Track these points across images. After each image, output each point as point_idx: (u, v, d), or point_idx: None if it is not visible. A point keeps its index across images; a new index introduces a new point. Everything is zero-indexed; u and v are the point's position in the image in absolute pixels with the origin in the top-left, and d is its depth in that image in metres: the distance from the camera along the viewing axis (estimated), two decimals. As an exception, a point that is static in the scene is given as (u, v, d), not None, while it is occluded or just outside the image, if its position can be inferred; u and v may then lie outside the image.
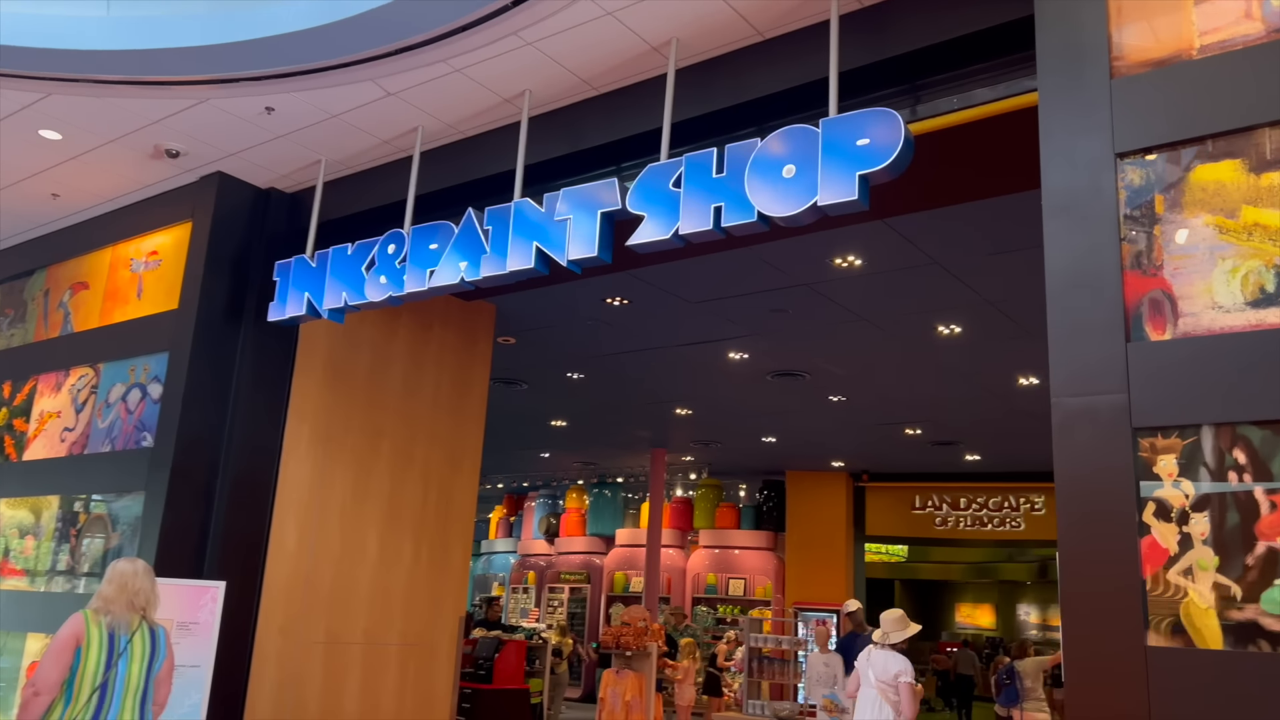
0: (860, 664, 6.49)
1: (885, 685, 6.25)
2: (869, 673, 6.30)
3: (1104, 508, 3.41)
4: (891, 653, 6.37)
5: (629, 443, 16.34)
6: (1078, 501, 3.47)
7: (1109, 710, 3.26)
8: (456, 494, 9.03)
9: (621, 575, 19.50)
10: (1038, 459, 15.35)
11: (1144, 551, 3.31)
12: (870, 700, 6.21)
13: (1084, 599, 3.38)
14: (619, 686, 11.90)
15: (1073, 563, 3.43)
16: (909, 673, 6.19)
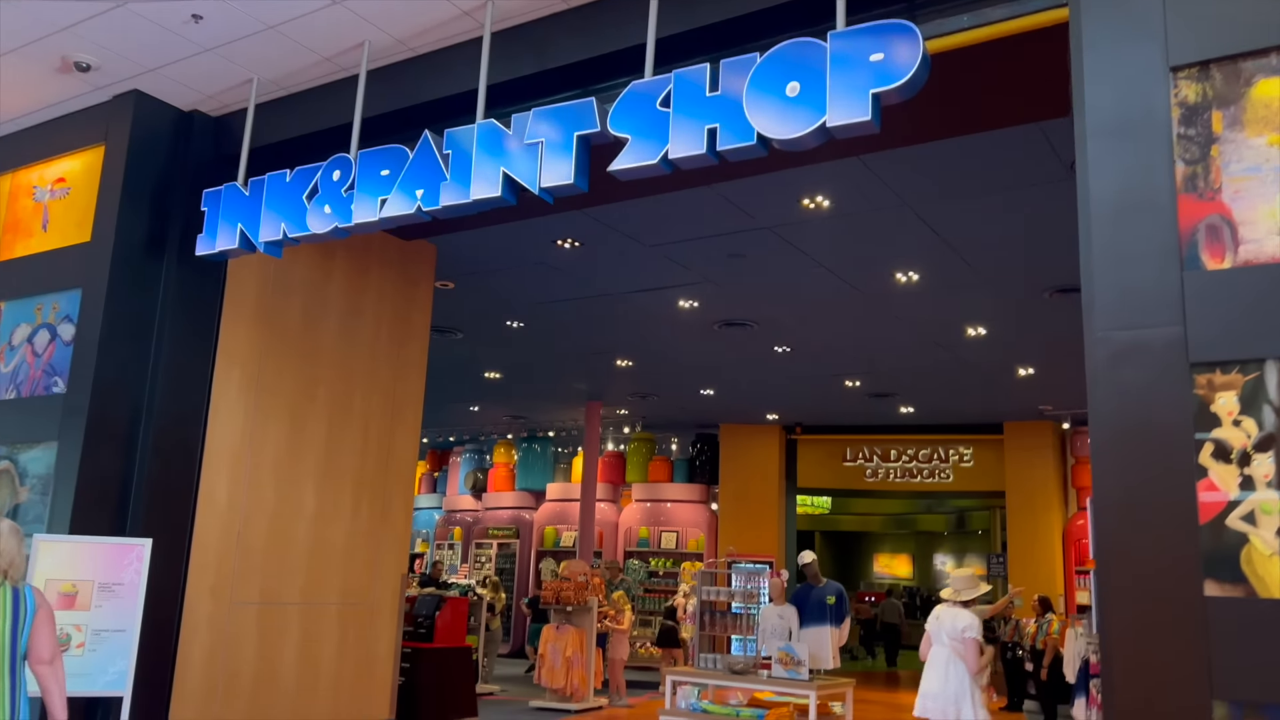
0: (930, 626, 6.45)
1: (955, 642, 6.20)
2: (940, 633, 6.28)
3: (1156, 450, 3.18)
4: (960, 609, 6.36)
5: (564, 395, 15.94)
6: (1126, 444, 3.23)
7: (1164, 665, 3.05)
8: (397, 446, 8.53)
9: (552, 530, 19.19)
10: (971, 411, 15.52)
11: (1201, 496, 3.08)
12: (944, 659, 6.20)
13: (1135, 548, 3.14)
14: (559, 642, 11.63)
15: (1121, 509, 3.19)
16: (975, 628, 6.19)
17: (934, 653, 6.37)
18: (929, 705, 6.19)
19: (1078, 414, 14.85)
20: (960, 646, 6.19)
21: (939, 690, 6.16)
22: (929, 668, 6.32)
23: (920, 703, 6.33)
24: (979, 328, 10.73)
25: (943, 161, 6.75)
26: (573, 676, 11.46)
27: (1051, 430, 15.93)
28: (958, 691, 6.14)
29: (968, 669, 6.15)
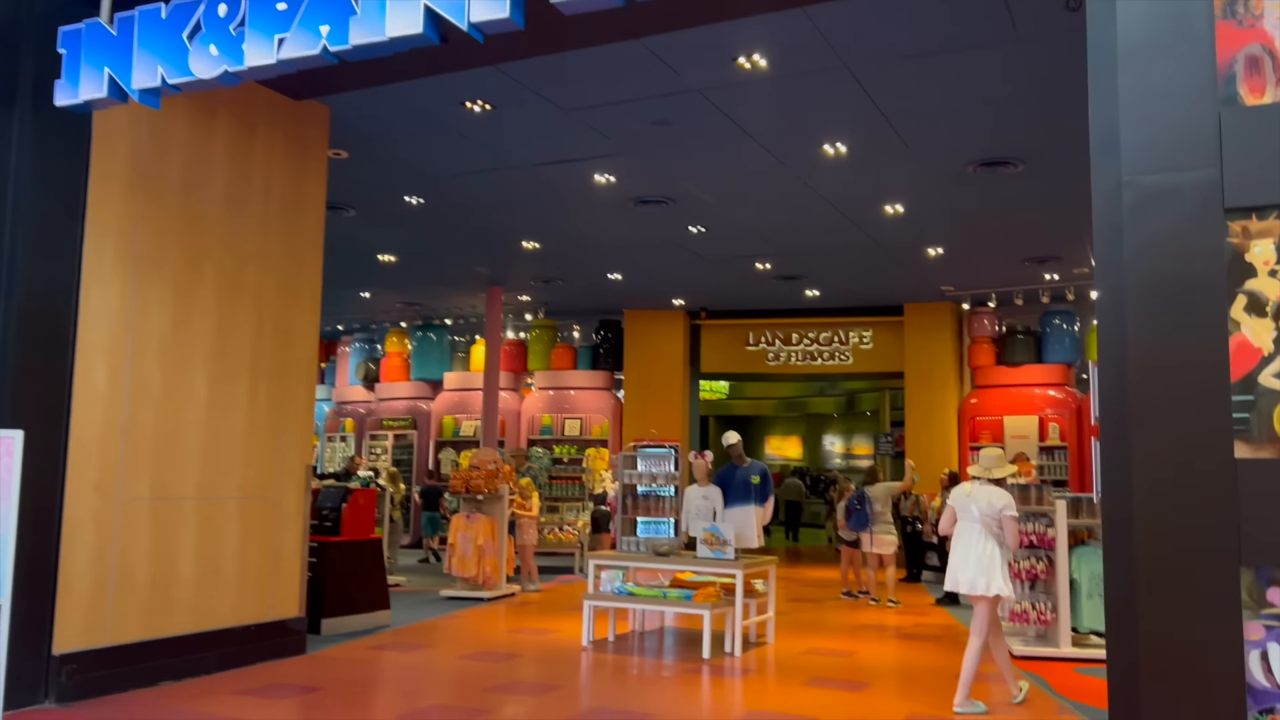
0: (959, 501, 6.42)
1: (990, 519, 6.21)
2: (972, 508, 6.28)
3: (1184, 304, 2.93)
4: (994, 488, 6.34)
5: (464, 281, 15.24)
6: (1151, 297, 2.97)
7: (1191, 531, 2.87)
8: (296, 328, 7.86)
9: (451, 420, 18.70)
10: (874, 293, 15.56)
11: (1233, 351, 2.86)
12: (975, 533, 6.22)
13: (1161, 408, 2.93)
14: (470, 531, 11.32)
15: (1147, 368, 2.96)
16: (1012, 507, 6.22)
17: (963, 528, 6.35)
18: (964, 579, 6.25)
19: (978, 294, 15.07)
20: (994, 523, 6.26)
21: (973, 564, 6.19)
22: (961, 543, 6.32)
23: (951, 577, 6.37)
24: (897, 205, 10.55)
25: (889, 16, 6.34)
26: (484, 565, 11.20)
27: (950, 311, 16.17)
28: (990, 565, 6.16)
29: (1008, 545, 6.26)
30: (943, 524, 6.63)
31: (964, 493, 6.46)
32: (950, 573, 6.42)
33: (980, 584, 6.15)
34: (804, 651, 8.21)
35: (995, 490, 6.35)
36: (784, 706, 6.25)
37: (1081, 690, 6.80)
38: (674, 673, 7.22)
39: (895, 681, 7.08)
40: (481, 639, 8.62)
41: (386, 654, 7.88)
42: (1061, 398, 15.33)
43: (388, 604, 9.34)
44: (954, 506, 6.47)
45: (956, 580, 6.31)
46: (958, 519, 6.42)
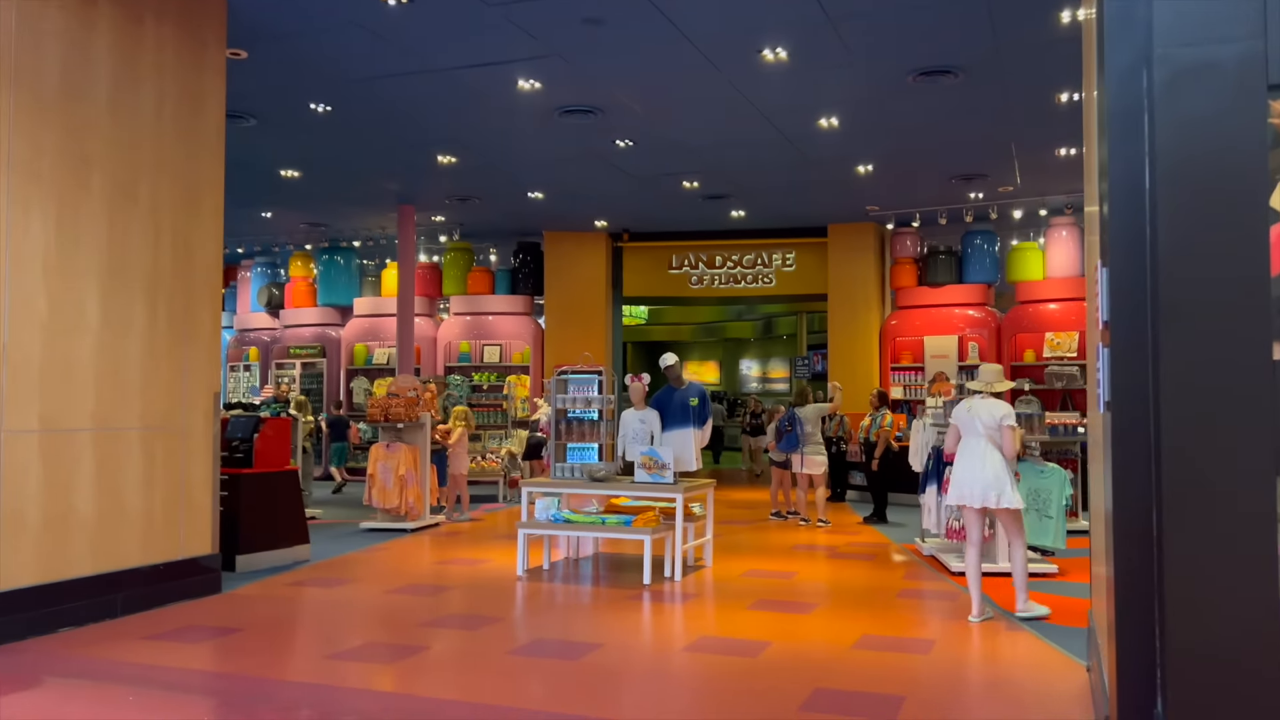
0: (961, 418, 6.44)
1: (993, 432, 6.23)
2: (975, 423, 6.31)
3: (1222, 190, 2.67)
4: (995, 400, 6.40)
5: (373, 199, 14.44)
6: (1185, 184, 2.70)
7: (1224, 440, 2.65)
8: (198, 243, 7.19)
9: (362, 347, 17.97)
10: (799, 213, 15.33)
11: (1274, 242, 2.62)
12: (982, 447, 6.24)
13: (1194, 307, 2.68)
14: (391, 460, 10.85)
15: (1178, 263, 2.70)
16: (1011, 416, 6.29)
17: (968, 444, 6.36)
18: (971, 493, 6.22)
19: (902, 214, 14.97)
20: (998, 435, 6.24)
21: (980, 477, 6.19)
22: (966, 458, 6.31)
23: (957, 491, 6.34)
24: (833, 119, 10.24)
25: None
26: (407, 495, 10.77)
27: (874, 232, 16.09)
28: (997, 477, 6.17)
29: (1007, 452, 6.26)
30: (948, 444, 6.60)
31: (965, 409, 6.44)
32: (956, 488, 6.36)
33: (992, 497, 6.17)
34: (744, 574, 8.08)
35: (996, 402, 6.39)
36: (734, 631, 6.07)
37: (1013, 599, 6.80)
38: (616, 600, 6.99)
39: (841, 602, 6.99)
40: (409, 572, 8.25)
41: (308, 590, 7.45)
42: (981, 317, 15.47)
43: (307, 538, 8.87)
44: (957, 424, 6.48)
45: (968, 495, 6.26)
46: (961, 436, 6.44)
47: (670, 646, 5.77)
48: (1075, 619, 6.31)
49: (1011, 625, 6.17)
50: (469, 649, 5.64)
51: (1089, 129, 4.73)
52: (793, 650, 5.58)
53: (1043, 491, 7.88)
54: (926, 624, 6.30)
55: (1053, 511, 7.86)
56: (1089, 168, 5.17)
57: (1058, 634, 5.91)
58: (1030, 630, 6.01)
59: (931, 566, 8.45)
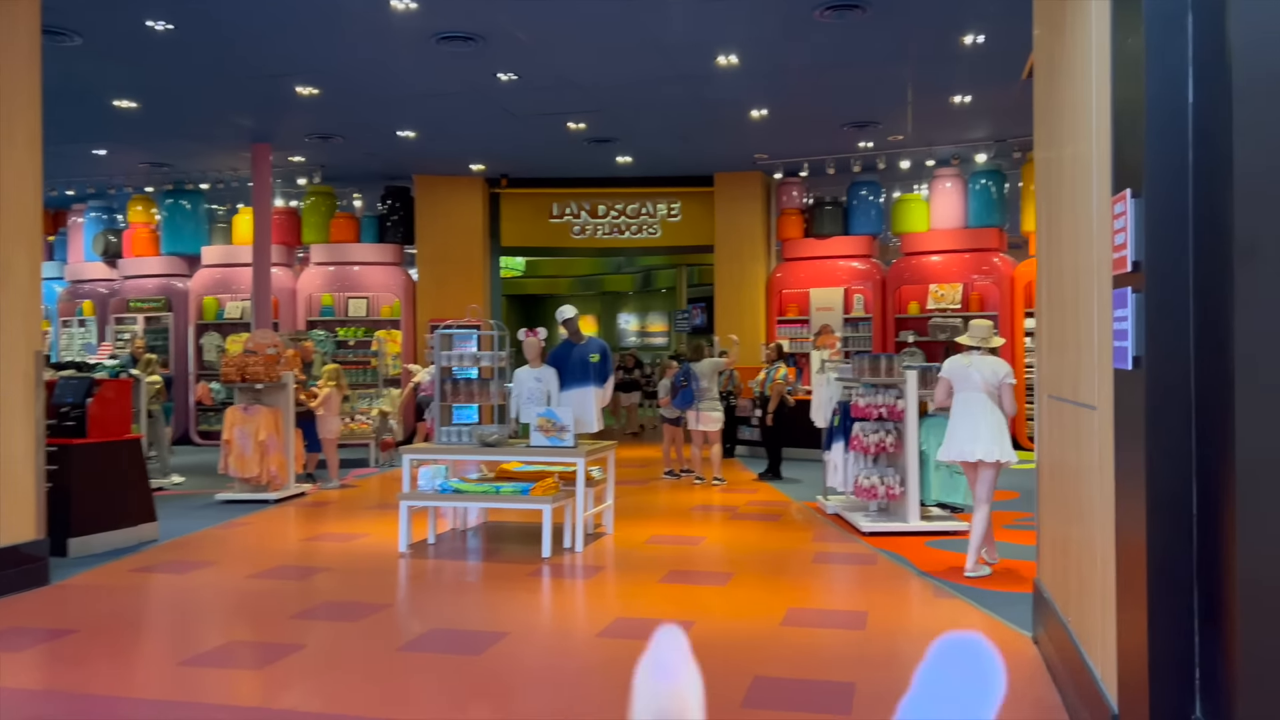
0: (956, 372, 6.32)
1: (991, 388, 6.20)
2: (974, 376, 6.24)
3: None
4: (994, 357, 6.40)
5: (223, 135, 13.04)
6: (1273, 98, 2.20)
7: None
8: (8, 178, 6.02)
9: (212, 300, 16.48)
10: (686, 161, 14.75)
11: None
12: (980, 403, 6.18)
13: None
14: (249, 425, 9.80)
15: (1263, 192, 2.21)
16: (1011, 374, 6.29)
17: (967, 399, 6.23)
18: (972, 449, 6.10)
19: (790, 163, 14.59)
20: (997, 391, 6.20)
21: (985, 434, 6.10)
22: (965, 414, 6.19)
23: (959, 448, 6.16)
24: (732, 56, 9.64)
25: None
26: (268, 463, 9.77)
27: (761, 182, 15.68)
28: (1000, 433, 6.12)
29: (1008, 410, 6.20)
30: (939, 397, 6.47)
31: (963, 364, 6.32)
32: (957, 444, 6.18)
33: (994, 452, 6.10)
34: (647, 540, 7.55)
35: (995, 359, 6.37)
36: (649, 609, 5.52)
37: (946, 567, 6.51)
38: (514, 578, 6.33)
39: (756, 570, 6.54)
40: (275, 550, 7.36)
41: (156, 577, 6.49)
42: (866, 269, 15.33)
43: (153, 514, 7.83)
44: (950, 379, 6.36)
45: (968, 450, 6.12)
46: (955, 390, 6.34)
47: (582, 632, 5.17)
48: (999, 582, 6.04)
49: (940, 591, 5.84)
50: (351, 646, 4.89)
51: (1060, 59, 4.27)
52: (718, 631, 5.07)
53: (954, 447, 7.61)
54: (851, 592, 5.91)
55: (962, 468, 7.60)
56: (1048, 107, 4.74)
57: (989, 599, 5.60)
58: (960, 597, 5.69)
59: (839, 526, 8.13)
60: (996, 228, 14.55)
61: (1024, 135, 13.15)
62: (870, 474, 7.74)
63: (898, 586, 6.01)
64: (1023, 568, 6.39)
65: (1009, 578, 6.16)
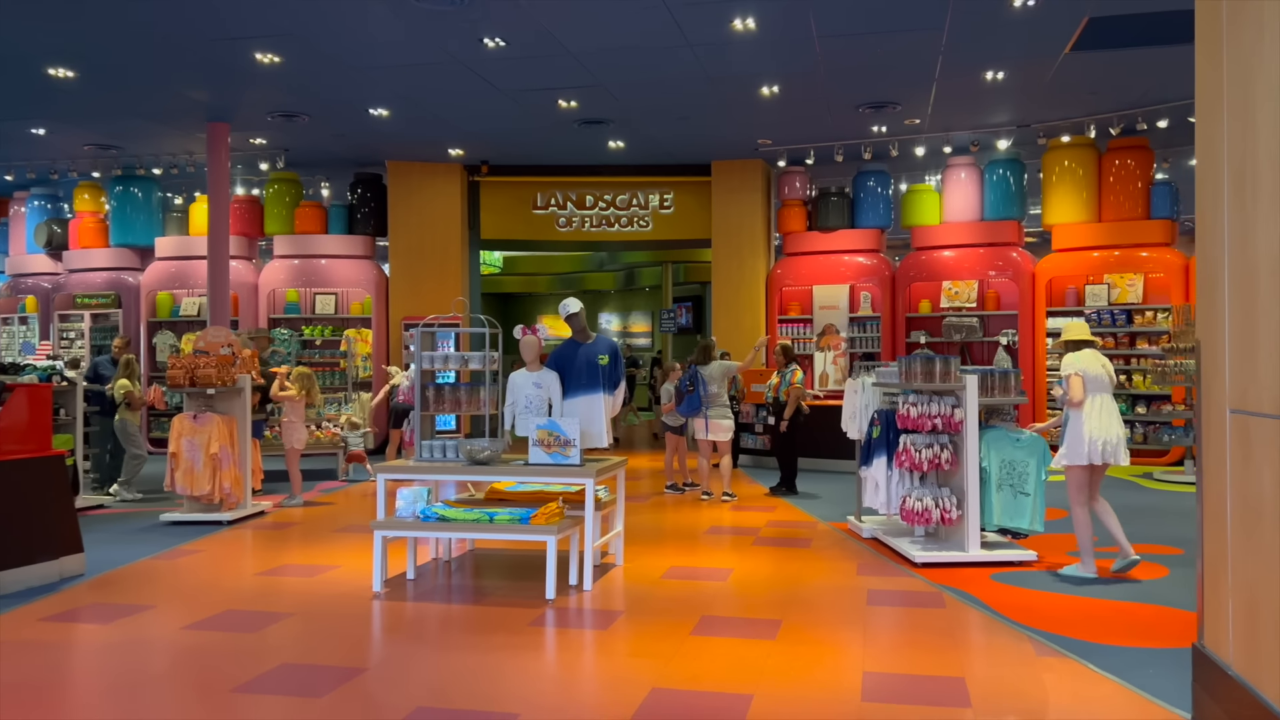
0: (1092, 369, 6.17)
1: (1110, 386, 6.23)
2: (1104, 377, 6.18)
3: None
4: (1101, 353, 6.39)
5: (176, 113, 11.78)
6: None
7: None
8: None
9: (166, 296, 15.19)
10: (683, 148, 13.67)
11: None
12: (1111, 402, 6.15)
13: None
14: (198, 436, 8.58)
15: None
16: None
17: (1101, 400, 6.13)
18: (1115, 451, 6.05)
19: (796, 150, 13.54)
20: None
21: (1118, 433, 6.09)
22: (1102, 414, 6.09)
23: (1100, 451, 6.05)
24: (749, 19, 8.56)
25: None
26: (221, 479, 8.56)
27: (761, 171, 14.62)
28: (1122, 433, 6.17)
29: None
30: (1076, 394, 6.12)
31: (1099, 363, 6.22)
32: (1090, 444, 6.05)
33: (1122, 454, 6.08)
34: (665, 574, 6.44)
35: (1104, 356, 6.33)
36: (692, 676, 4.40)
37: (1030, 610, 5.46)
38: (515, 628, 5.19)
39: (805, 615, 5.45)
40: (224, 589, 6.17)
41: (70, 630, 5.29)
42: (873, 264, 14.31)
43: (79, 544, 6.60)
44: (1086, 377, 6.14)
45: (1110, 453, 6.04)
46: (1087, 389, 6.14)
47: (612, 715, 4.03)
48: (1100, 630, 4.99)
49: (1041, 648, 4.77)
50: (312, 734, 3.74)
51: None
52: (785, 712, 3.97)
53: (1018, 464, 6.58)
54: (934, 649, 4.83)
55: (1030, 488, 6.57)
56: (1238, 76, 3.67)
57: (1108, 659, 4.54)
58: (1071, 655, 4.62)
59: (880, 553, 7.07)
60: (1015, 220, 13.59)
61: (1049, 119, 12.20)
62: (923, 494, 6.67)
63: (986, 640, 4.94)
64: (1123, 614, 5.36)
65: (1115, 627, 5.12)
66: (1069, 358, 6.30)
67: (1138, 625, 5.16)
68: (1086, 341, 6.37)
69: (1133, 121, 11.64)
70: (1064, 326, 6.62)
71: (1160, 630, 5.05)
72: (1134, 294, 12.83)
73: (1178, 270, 12.48)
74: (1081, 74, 10.28)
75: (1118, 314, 12.79)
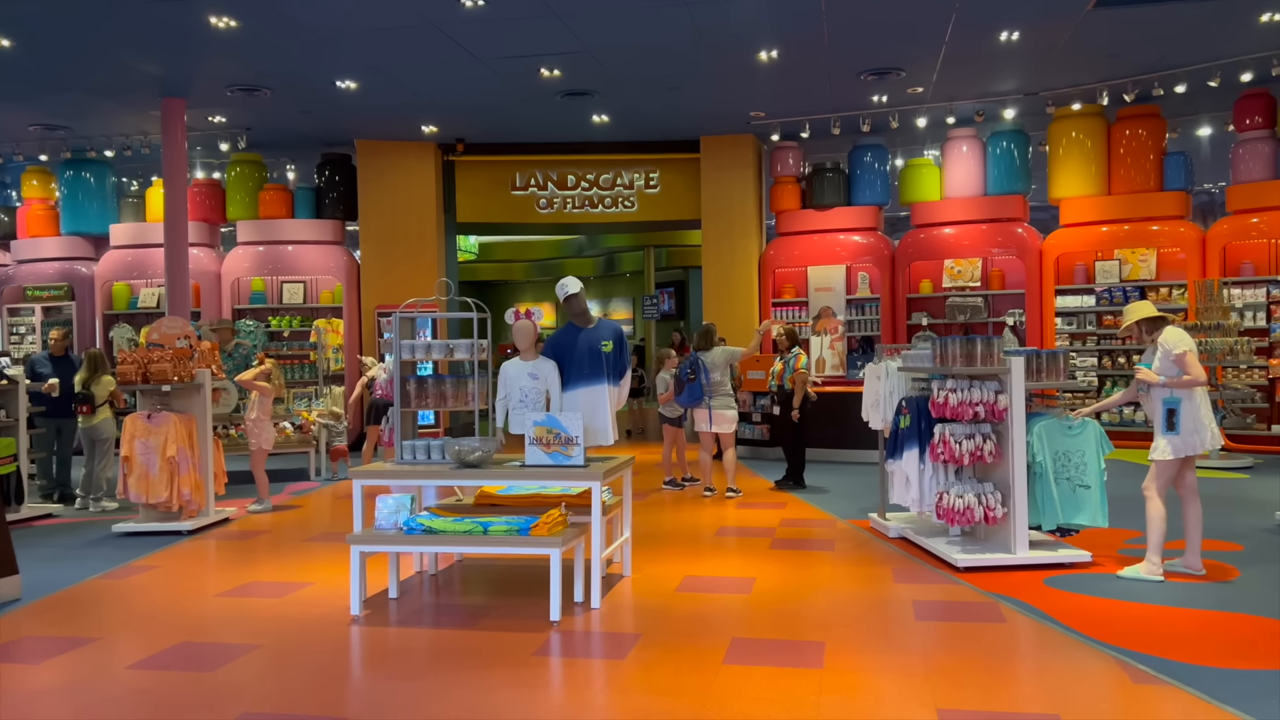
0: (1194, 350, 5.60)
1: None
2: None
3: None
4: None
5: (127, 87, 10.89)
6: None
7: None
8: None
9: (123, 286, 14.30)
10: (672, 121, 12.92)
11: None
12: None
13: None
14: (154, 438, 7.78)
15: None
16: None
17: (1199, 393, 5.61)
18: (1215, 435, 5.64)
19: (790, 123, 12.84)
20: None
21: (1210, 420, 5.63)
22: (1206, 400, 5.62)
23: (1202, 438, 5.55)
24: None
25: None
26: (180, 484, 7.77)
27: (753, 146, 13.92)
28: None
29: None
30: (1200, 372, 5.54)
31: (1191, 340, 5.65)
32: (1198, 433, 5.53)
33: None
34: (679, 586, 5.75)
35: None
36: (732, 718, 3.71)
37: (1095, 619, 4.82)
38: (517, 658, 4.47)
39: (848, 633, 4.77)
40: (180, 614, 5.41)
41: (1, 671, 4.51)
42: (871, 243, 13.66)
43: (13, 565, 5.80)
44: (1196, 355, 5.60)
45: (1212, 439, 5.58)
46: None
47: (645, 769, 3.33)
48: (1194, 647, 4.35)
49: (1135, 672, 4.11)
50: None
51: None
52: (855, 762, 3.28)
53: (1074, 454, 5.93)
54: (1011, 677, 4.16)
55: (1089, 479, 5.92)
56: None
57: (1214, 684, 3.89)
58: (1170, 681, 3.96)
59: (912, 554, 6.42)
60: (1020, 195, 12.97)
61: (1060, 86, 11.58)
62: (963, 491, 6.01)
63: (1066, 664, 4.27)
64: (1211, 626, 4.73)
65: (1208, 643, 4.48)
66: (1172, 334, 5.63)
67: (1233, 640, 4.53)
68: (1161, 317, 5.74)
69: (1148, 88, 11.02)
70: (1128, 308, 5.89)
71: (1263, 647, 4.41)
72: (1147, 270, 12.26)
73: (1193, 244, 11.92)
74: (1100, 35, 9.65)
75: (1130, 291, 12.22)
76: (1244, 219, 11.67)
